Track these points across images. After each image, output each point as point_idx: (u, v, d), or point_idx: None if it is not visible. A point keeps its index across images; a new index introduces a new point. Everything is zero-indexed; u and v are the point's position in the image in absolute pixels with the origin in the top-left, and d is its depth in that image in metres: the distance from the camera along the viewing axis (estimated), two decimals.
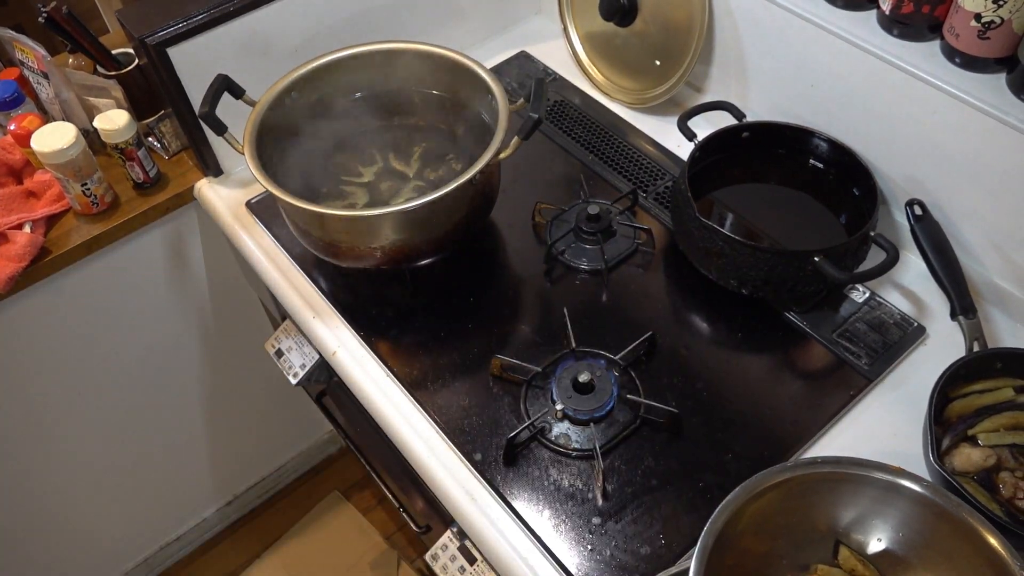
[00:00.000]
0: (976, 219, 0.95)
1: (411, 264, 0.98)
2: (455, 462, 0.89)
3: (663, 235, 1.07)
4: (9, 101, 1.16)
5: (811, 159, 1.06)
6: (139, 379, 1.42)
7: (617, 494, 0.84)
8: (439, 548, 0.95)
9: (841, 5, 0.99)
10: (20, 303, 1.16)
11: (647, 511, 0.83)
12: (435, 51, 1.03)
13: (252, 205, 1.15)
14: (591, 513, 0.83)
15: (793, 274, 0.91)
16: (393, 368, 0.96)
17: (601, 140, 1.20)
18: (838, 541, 0.76)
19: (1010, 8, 0.83)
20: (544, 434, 0.89)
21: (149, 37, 1.02)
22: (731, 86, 1.17)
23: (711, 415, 0.90)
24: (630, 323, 0.98)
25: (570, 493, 0.85)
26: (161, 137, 1.22)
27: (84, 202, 1.15)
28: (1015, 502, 0.77)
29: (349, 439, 1.26)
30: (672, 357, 0.95)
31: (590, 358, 0.93)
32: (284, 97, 1.01)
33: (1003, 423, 0.81)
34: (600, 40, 1.25)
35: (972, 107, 0.87)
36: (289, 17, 1.11)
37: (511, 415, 0.91)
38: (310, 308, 1.04)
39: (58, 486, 1.46)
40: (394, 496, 1.19)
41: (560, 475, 0.86)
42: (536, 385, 0.93)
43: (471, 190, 0.93)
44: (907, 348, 0.94)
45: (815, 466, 0.72)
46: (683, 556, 0.79)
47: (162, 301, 1.35)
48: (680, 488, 0.84)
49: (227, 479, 1.79)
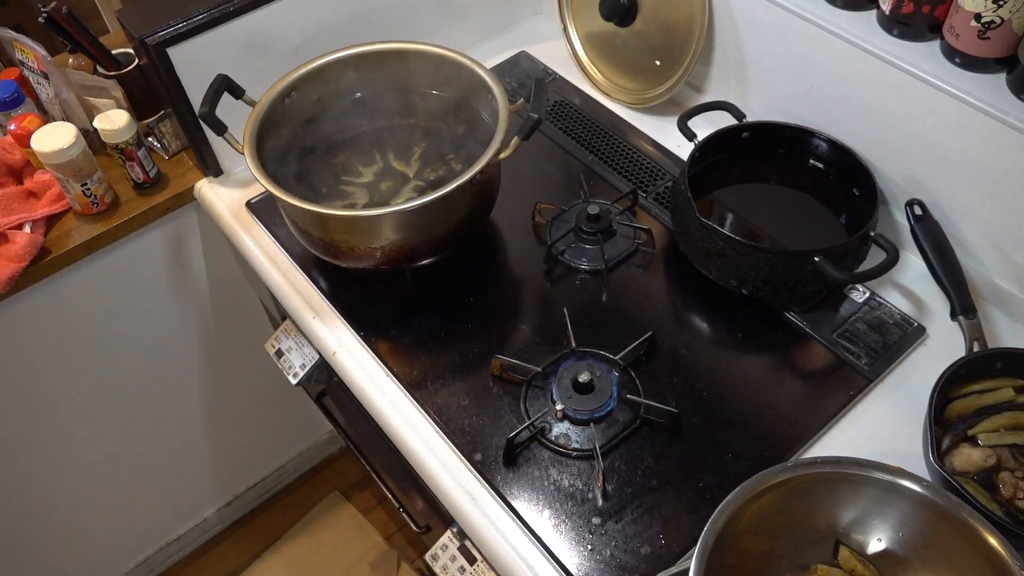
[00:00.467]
0: (976, 219, 0.95)
1: (411, 264, 0.98)
2: (455, 462, 0.89)
3: (663, 235, 1.07)
4: (9, 101, 1.16)
5: (811, 159, 1.06)
6: (139, 379, 1.42)
7: (617, 494, 0.84)
8: (439, 548, 0.95)
9: (841, 5, 0.99)
10: (20, 303, 1.16)
11: (647, 511, 0.83)
12: (435, 51, 1.03)
13: (252, 205, 1.15)
14: (591, 513, 0.83)
15: (793, 274, 0.91)
16: (393, 368, 0.96)
17: (601, 140, 1.20)
18: (838, 541, 0.76)
19: (1010, 8, 0.83)
20: (544, 434, 0.89)
21: (149, 37, 1.02)
22: (731, 86, 1.17)
23: (711, 415, 0.90)
24: (630, 323, 0.98)
25: (570, 493, 0.85)
26: (161, 137, 1.22)
27: (84, 202, 1.15)
28: (1015, 502, 0.77)
29: (349, 439, 1.26)
30: (672, 357, 0.95)
31: (590, 358, 0.93)
32: (284, 97, 1.01)
33: (1003, 423, 0.81)
34: (600, 40, 1.25)
35: (972, 107, 0.87)
36: (289, 17, 1.11)
37: (511, 415, 0.91)
38: (310, 308, 1.04)
39: (58, 486, 1.46)
40: (394, 496, 1.19)
41: (560, 475, 0.86)
42: (536, 385, 0.93)
43: (471, 190, 0.93)
44: (907, 348, 0.94)
45: (815, 466, 0.72)
46: (683, 556, 0.79)
47: (162, 301, 1.35)
48: (680, 488, 0.84)
49: (227, 479, 1.79)
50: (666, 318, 0.99)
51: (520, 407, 0.91)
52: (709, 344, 0.97)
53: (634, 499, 0.84)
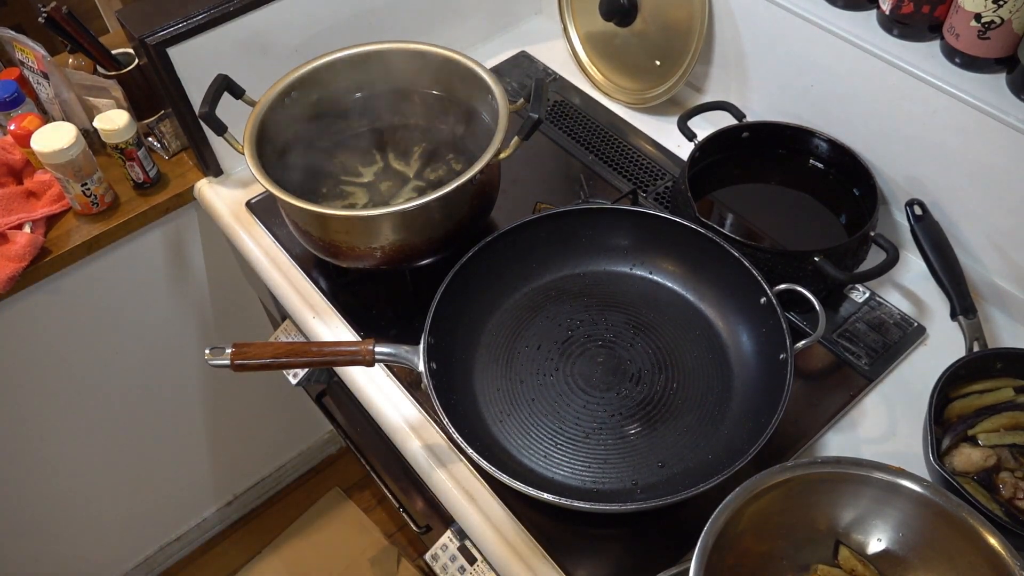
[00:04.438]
0: (976, 219, 0.95)
1: (411, 264, 0.98)
2: (455, 462, 0.89)
3: None
4: (9, 101, 1.16)
5: (811, 159, 1.06)
6: (139, 379, 1.42)
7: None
8: (439, 548, 0.95)
9: (841, 5, 0.99)
10: (20, 303, 1.16)
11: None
12: (435, 51, 1.03)
13: (252, 205, 1.16)
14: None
15: (793, 274, 0.91)
16: (393, 368, 0.96)
17: (601, 140, 1.20)
18: (838, 541, 0.76)
19: (1010, 8, 0.83)
20: None
21: (149, 37, 1.02)
22: (731, 86, 1.17)
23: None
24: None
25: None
26: (161, 137, 1.22)
27: (84, 202, 1.15)
28: (1015, 502, 0.77)
29: (349, 439, 1.26)
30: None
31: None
32: (284, 97, 1.01)
33: (1003, 423, 0.81)
34: (600, 40, 1.25)
35: (972, 107, 0.87)
36: (289, 17, 1.11)
37: None
38: (310, 308, 1.04)
39: (58, 486, 1.46)
40: (394, 496, 1.19)
41: None
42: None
43: (471, 190, 0.93)
44: (907, 348, 0.94)
45: (815, 466, 0.72)
46: (683, 556, 0.79)
47: (162, 301, 1.35)
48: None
49: (227, 479, 1.79)
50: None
51: None
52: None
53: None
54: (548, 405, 0.87)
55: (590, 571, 0.80)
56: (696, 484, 0.74)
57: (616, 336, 0.93)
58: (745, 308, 0.89)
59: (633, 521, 0.83)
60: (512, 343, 0.93)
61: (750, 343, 0.89)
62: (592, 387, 0.89)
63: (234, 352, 0.80)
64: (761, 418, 0.79)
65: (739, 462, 0.74)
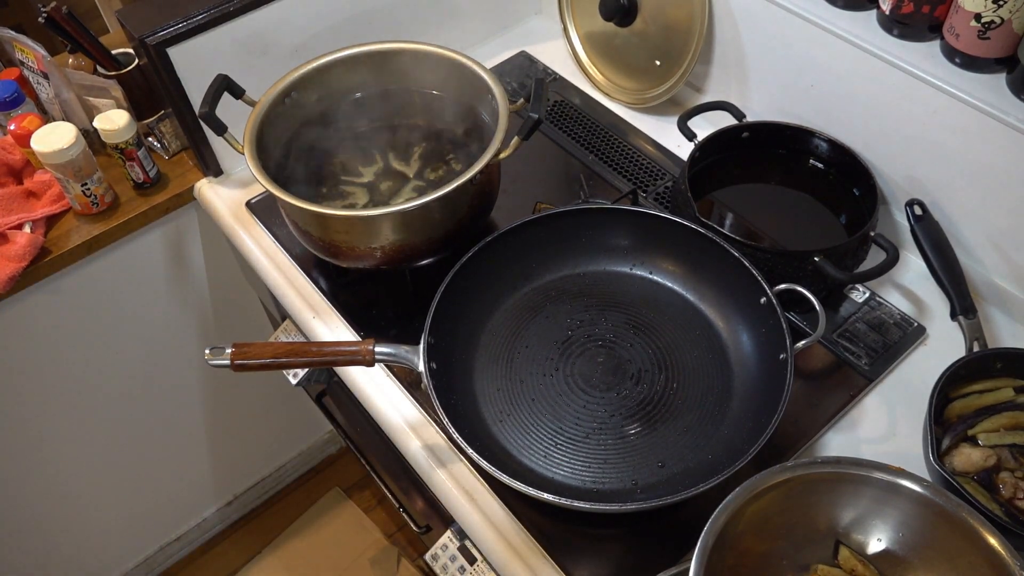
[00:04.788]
0: (976, 219, 0.95)
1: (411, 264, 0.98)
2: (455, 462, 0.89)
3: None
4: (9, 101, 1.16)
5: (811, 159, 1.06)
6: (139, 379, 1.42)
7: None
8: (439, 548, 0.95)
9: (841, 5, 0.99)
10: (20, 303, 1.16)
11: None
12: (435, 51, 1.03)
13: (252, 205, 1.16)
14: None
15: (793, 274, 0.91)
16: (393, 368, 0.96)
17: (601, 140, 1.20)
18: (838, 541, 0.76)
19: (1010, 8, 0.83)
20: None
21: (149, 37, 1.02)
22: (731, 86, 1.17)
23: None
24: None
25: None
26: (161, 137, 1.22)
27: (84, 202, 1.15)
28: (1015, 502, 0.77)
29: (349, 439, 1.26)
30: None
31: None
32: (284, 97, 1.01)
33: (1003, 423, 0.81)
34: (600, 40, 1.25)
35: (972, 107, 0.87)
36: (289, 17, 1.11)
37: None
38: (310, 308, 1.04)
39: (58, 486, 1.46)
40: (394, 496, 1.19)
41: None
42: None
43: (471, 190, 0.93)
44: (907, 348, 0.94)
45: (815, 466, 0.72)
46: (683, 556, 0.79)
47: (162, 301, 1.35)
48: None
49: (227, 479, 1.79)
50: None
51: None
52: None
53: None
54: (548, 405, 0.88)
55: (590, 571, 0.80)
56: (696, 484, 0.74)
57: (616, 336, 0.93)
58: (745, 308, 0.89)
59: (633, 521, 0.83)
60: (512, 343, 0.93)
61: (750, 343, 0.89)
62: (592, 387, 0.89)
63: (234, 352, 0.80)
64: (761, 418, 0.79)
65: (739, 462, 0.74)
